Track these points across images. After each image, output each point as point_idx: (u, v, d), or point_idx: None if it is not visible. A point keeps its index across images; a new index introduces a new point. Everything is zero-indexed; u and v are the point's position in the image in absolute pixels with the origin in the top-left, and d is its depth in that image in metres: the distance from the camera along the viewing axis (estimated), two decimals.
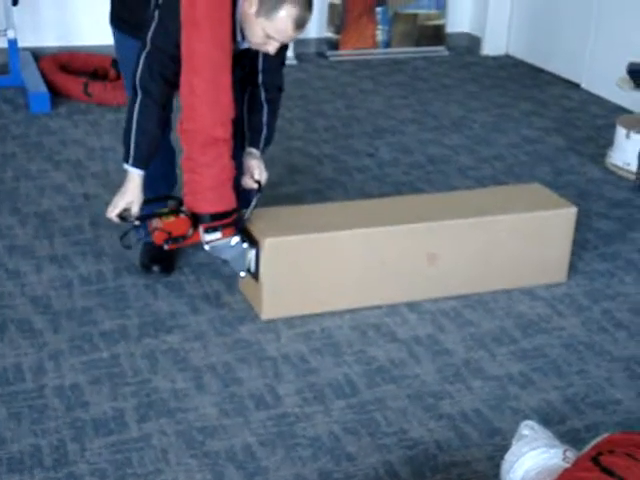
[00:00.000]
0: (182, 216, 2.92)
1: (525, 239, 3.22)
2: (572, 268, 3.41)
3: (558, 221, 3.28)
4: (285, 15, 2.68)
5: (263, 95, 3.07)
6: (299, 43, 5.98)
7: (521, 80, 5.80)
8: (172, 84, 2.83)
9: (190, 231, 2.92)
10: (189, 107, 2.80)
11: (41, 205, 3.75)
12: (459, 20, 6.43)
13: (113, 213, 2.92)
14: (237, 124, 2.96)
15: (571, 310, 3.19)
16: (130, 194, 2.92)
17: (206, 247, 2.96)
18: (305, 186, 4.09)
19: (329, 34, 6.07)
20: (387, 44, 6.12)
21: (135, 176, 2.91)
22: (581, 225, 3.78)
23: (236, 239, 2.95)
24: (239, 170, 3.02)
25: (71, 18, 5.60)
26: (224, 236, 2.93)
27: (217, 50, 2.74)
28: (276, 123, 3.16)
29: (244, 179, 3.05)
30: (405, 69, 5.89)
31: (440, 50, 6.24)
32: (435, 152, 4.54)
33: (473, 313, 3.14)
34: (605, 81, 5.15)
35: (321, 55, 6.08)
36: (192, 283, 3.24)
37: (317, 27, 6.11)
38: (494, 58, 6.23)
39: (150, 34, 2.79)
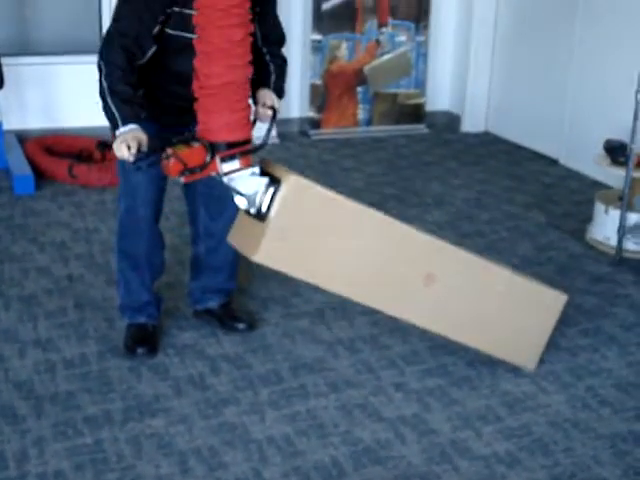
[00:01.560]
0: (197, 146, 2.82)
1: (515, 305, 3.21)
2: (554, 345, 3.43)
3: (549, 299, 3.27)
4: None
5: (267, 56, 3.14)
6: (282, 123, 6.06)
7: (500, 156, 5.89)
8: (133, 55, 2.89)
9: (206, 161, 2.81)
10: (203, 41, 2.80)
11: (25, 288, 3.76)
12: (438, 98, 6.56)
13: (131, 156, 2.83)
14: None
15: (555, 387, 3.20)
16: (135, 136, 2.84)
17: (224, 180, 2.86)
18: None
19: (311, 113, 6.17)
20: (368, 123, 6.22)
21: (132, 128, 2.86)
22: None
23: (255, 169, 2.87)
24: None
25: (56, 101, 5.68)
26: (242, 166, 2.85)
27: None
28: (285, 77, 3.20)
29: (258, 109, 3.01)
30: (386, 147, 5.98)
31: (420, 128, 6.35)
32: (417, 228, 4.57)
33: (458, 391, 3.15)
34: (583, 157, 5.24)
35: (304, 134, 6.17)
36: (176, 365, 3.24)
37: (299, 107, 6.22)
38: (473, 135, 6.34)
39: (114, 15, 2.92)
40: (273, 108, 3.02)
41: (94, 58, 5.82)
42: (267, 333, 3.49)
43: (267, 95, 3.06)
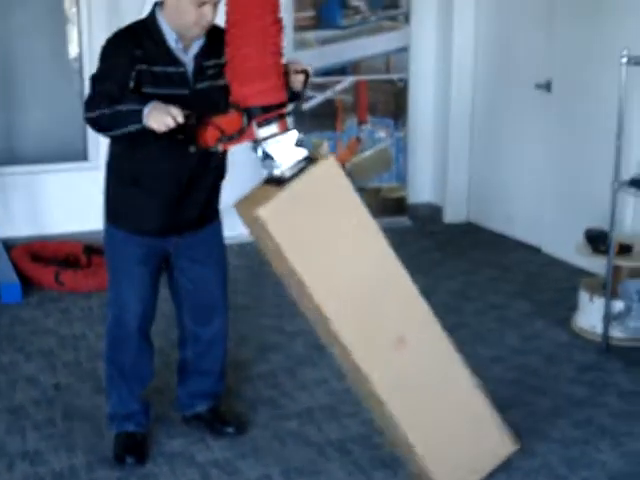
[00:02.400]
0: (232, 112, 2.77)
1: (461, 422, 3.08)
2: (547, 437, 3.42)
3: (496, 441, 3.14)
4: None
5: None
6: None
7: (483, 246, 5.96)
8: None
9: (243, 126, 2.74)
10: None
11: (13, 399, 3.74)
12: (420, 191, 6.66)
13: (179, 116, 2.73)
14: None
15: None
16: (166, 105, 2.76)
17: (265, 147, 2.78)
18: (277, 364, 4.11)
19: None
20: None
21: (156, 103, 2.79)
22: (552, 391, 3.82)
23: (295, 133, 2.80)
24: None
25: (42, 208, 5.74)
26: (279, 130, 2.78)
27: None
28: None
29: (291, 77, 2.90)
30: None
31: (403, 220, 6.42)
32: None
33: None
34: (565, 245, 5.30)
35: None
36: (166, 474, 3.20)
37: None
38: (456, 226, 6.42)
39: (96, 72, 2.96)
40: (305, 71, 2.93)
41: (79, 165, 5.98)
42: (256, 436, 3.47)
43: (296, 62, 2.96)
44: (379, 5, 6.09)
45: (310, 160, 2.82)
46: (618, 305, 4.24)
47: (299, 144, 2.82)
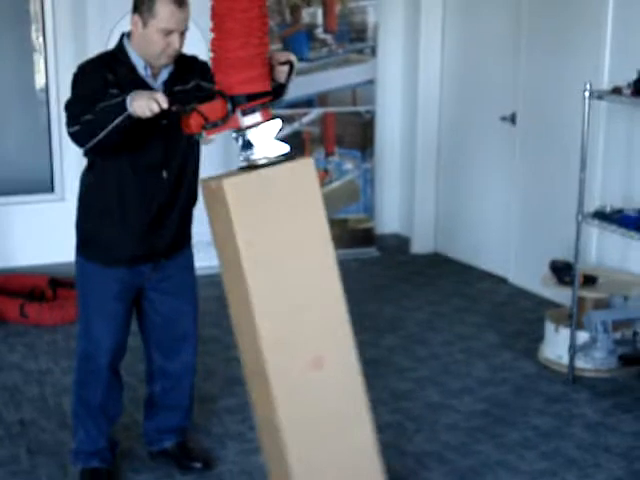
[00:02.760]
0: (217, 99, 2.76)
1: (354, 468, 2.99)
2: (515, 468, 3.43)
3: None
4: (162, 1, 2.86)
5: None
6: None
7: (450, 277, 5.98)
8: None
9: (228, 113, 2.74)
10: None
11: None
12: (387, 222, 6.70)
13: (164, 102, 2.74)
14: None
15: None
16: (149, 92, 2.80)
17: (248, 136, 2.79)
18: (244, 398, 4.08)
19: None
20: None
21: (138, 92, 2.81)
22: (520, 423, 3.84)
23: (278, 122, 2.81)
24: None
25: (7, 239, 5.69)
26: (263, 119, 2.78)
27: None
28: None
29: (276, 68, 2.88)
30: (339, 271, 6.03)
31: (371, 251, 6.44)
32: (372, 354, 4.59)
33: None
34: (531, 275, 5.34)
35: None
36: None
37: None
38: (423, 256, 6.44)
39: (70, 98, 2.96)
40: (290, 62, 2.92)
41: (45, 197, 5.93)
42: (224, 471, 3.45)
43: (280, 53, 2.96)
44: (346, 38, 6.15)
45: (290, 157, 2.84)
46: (583, 336, 4.27)
47: (282, 140, 2.85)
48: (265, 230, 2.81)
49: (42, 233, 5.73)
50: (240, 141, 2.83)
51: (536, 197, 5.45)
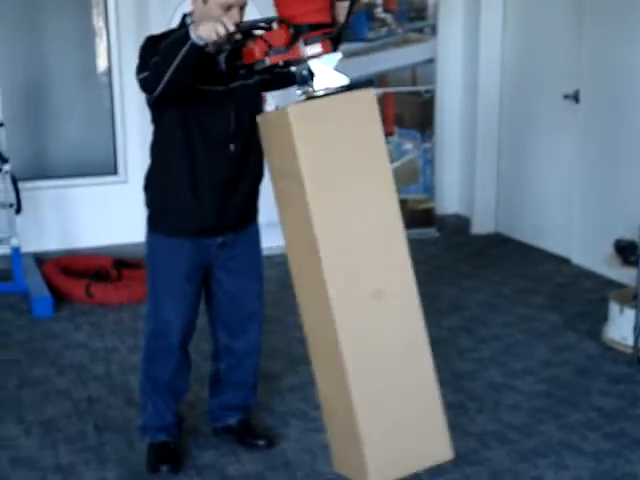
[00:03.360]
0: (281, 27, 2.83)
1: (418, 404, 3.08)
2: (578, 449, 3.40)
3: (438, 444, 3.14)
4: None
5: None
6: None
7: (512, 258, 5.94)
8: None
9: (291, 41, 2.80)
10: None
11: (45, 413, 3.77)
12: (447, 202, 6.67)
13: (230, 25, 2.75)
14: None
15: None
16: (217, 19, 2.78)
17: (309, 64, 2.86)
18: (307, 377, 4.11)
19: None
20: None
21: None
22: (583, 404, 3.80)
23: (339, 55, 2.86)
24: None
25: (72, 222, 5.79)
26: (323, 50, 2.84)
27: None
28: None
29: (335, 6, 2.92)
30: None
31: (431, 232, 6.42)
32: (433, 333, 4.53)
33: None
34: (595, 255, 5.27)
35: None
36: None
37: None
38: (484, 237, 6.40)
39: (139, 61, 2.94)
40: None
41: (108, 179, 6.03)
42: (287, 449, 3.48)
43: None
44: (406, 17, 6.11)
45: (350, 88, 2.88)
46: None
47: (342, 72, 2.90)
48: (327, 158, 2.85)
49: (106, 215, 5.83)
50: (299, 75, 2.88)
51: (599, 176, 5.37)
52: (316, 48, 2.85)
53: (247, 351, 3.41)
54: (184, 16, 3.08)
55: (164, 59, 2.79)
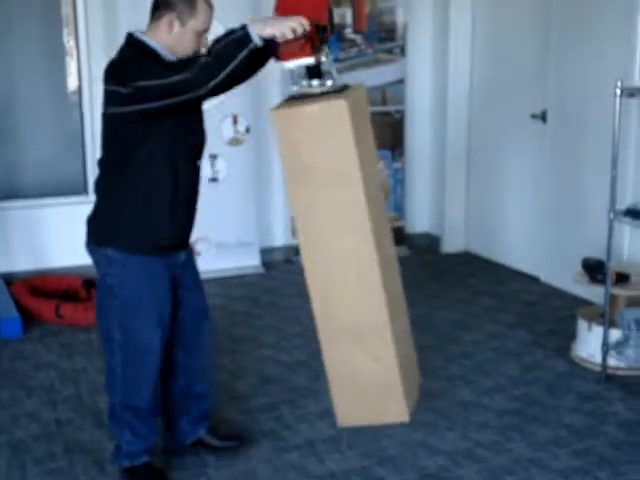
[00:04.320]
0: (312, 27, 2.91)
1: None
2: (547, 467, 3.43)
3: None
4: (202, 4, 2.99)
5: None
6: (266, 252, 6.18)
7: (481, 276, 5.98)
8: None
9: (321, 39, 2.96)
10: None
11: (14, 434, 3.74)
12: (418, 221, 6.71)
13: (307, 24, 2.86)
14: None
15: None
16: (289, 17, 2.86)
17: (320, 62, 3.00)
18: (278, 396, 4.12)
19: (295, 241, 6.27)
20: None
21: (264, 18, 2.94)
22: (552, 421, 3.83)
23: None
24: None
25: (41, 242, 5.77)
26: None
27: None
28: None
29: None
30: None
31: (401, 250, 6.44)
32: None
33: None
34: (563, 274, 5.33)
35: (288, 261, 6.25)
36: None
37: (283, 235, 6.34)
38: (454, 255, 6.45)
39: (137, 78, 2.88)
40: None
41: (78, 198, 6.01)
42: (257, 469, 3.46)
43: None
44: (375, 38, 6.17)
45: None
46: (616, 334, 4.25)
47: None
48: (360, 141, 3.04)
49: (76, 234, 5.78)
50: (311, 70, 3.02)
51: (567, 195, 5.43)
52: (325, 49, 3.01)
53: (204, 363, 3.42)
54: (131, 34, 3.05)
55: (220, 59, 2.79)
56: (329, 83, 3.03)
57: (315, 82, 3.02)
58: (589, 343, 4.38)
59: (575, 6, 5.25)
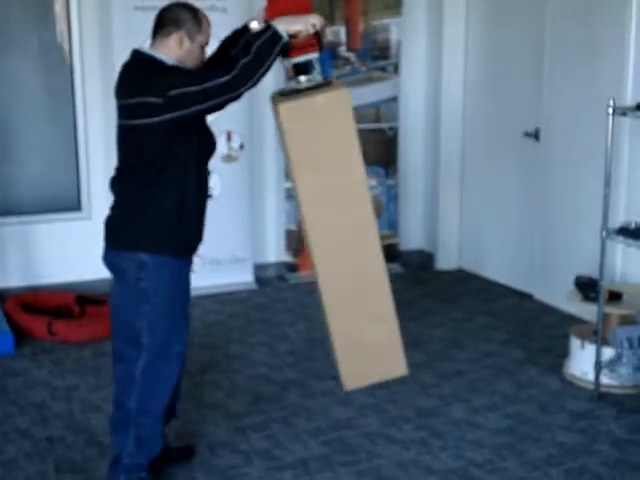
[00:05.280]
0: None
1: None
2: None
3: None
4: (205, 21, 3.21)
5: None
6: (259, 268, 6.17)
7: (475, 293, 5.98)
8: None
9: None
10: None
11: (5, 452, 3.72)
12: (411, 238, 6.70)
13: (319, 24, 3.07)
14: None
15: None
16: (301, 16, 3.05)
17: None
18: (271, 415, 4.11)
19: (287, 258, 6.27)
20: None
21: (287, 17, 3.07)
22: (545, 440, 3.83)
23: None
24: None
25: (35, 258, 5.75)
26: None
27: None
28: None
29: None
30: None
31: (395, 267, 6.45)
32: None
33: None
34: (556, 291, 5.34)
35: (281, 278, 6.25)
36: None
37: (276, 252, 6.33)
38: (448, 273, 6.45)
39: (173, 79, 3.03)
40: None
41: (72, 215, 6.01)
42: None
43: None
44: (369, 56, 6.19)
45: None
46: (609, 352, 4.26)
47: None
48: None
49: (69, 251, 5.80)
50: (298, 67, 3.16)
51: (560, 213, 5.45)
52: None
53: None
54: (135, 51, 3.25)
55: (257, 58, 2.95)
56: (318, 78, 3.17)
57: (303, 78, 3.14)
58: (582, 361, 4.38)
59: (568, 27, 5.27)
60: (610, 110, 4.12)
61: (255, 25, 3.31)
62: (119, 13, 5.45)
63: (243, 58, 2.95)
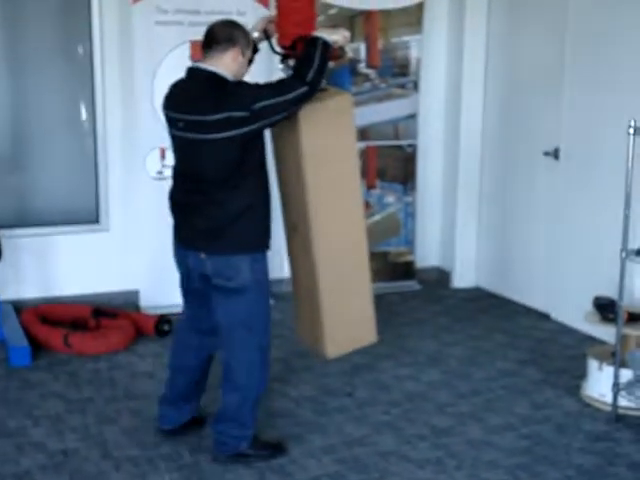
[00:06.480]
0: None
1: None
2: None
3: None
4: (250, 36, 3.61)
5: None
6: (275, 283, 6.15)
7: (492, 312, 5.95)
8: None
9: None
10: None
11: (20, 465, 3.71)
12: (428, 255, 6.69)
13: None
14: None
15: None
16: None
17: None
18: (285, 431, 4.09)
19: None
20: None
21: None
22: (562, 461, 3.79)
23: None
24: None
25: (52, 270, 5.77)
26: None
27: None
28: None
29: None
30: (379, 304, 5.96)
31: (412, 285, 6.43)
32: (412, 389, 4.58)
33: None
34: (574, 311, 5.30)
35: None
36: None
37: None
38: (464, 291, 6.42)
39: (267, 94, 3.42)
40: None
41: (90, 227, 6.02)
42: None
43: None
44: (388, 73, 6.19)
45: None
46: (627, 374, 4.22)
47: None
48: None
49: (87, 263, 5.81)
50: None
51: (579, 233, 5.42)
52: None
53: None
54: (192, 68, 3.60)
55: (320, 66, 3.42)
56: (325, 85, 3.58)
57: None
58: (600, 383, 4.35)
59: (588, 44, 5.26)
60: (631, 130, 4.10)
61: (256, 35, 3.69)
62: (140, 28, 5.49)
63: (308, 67, 3.39)
